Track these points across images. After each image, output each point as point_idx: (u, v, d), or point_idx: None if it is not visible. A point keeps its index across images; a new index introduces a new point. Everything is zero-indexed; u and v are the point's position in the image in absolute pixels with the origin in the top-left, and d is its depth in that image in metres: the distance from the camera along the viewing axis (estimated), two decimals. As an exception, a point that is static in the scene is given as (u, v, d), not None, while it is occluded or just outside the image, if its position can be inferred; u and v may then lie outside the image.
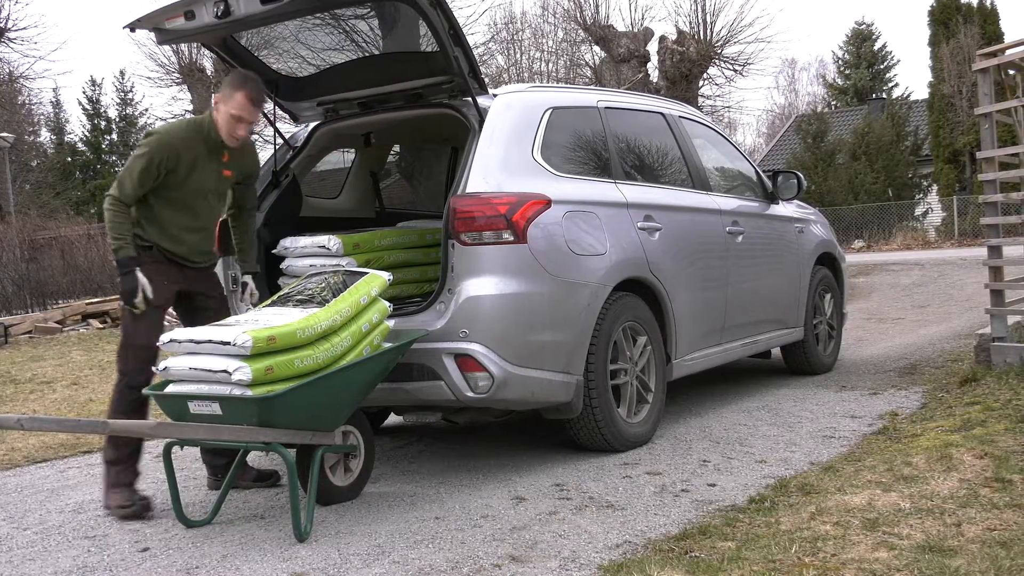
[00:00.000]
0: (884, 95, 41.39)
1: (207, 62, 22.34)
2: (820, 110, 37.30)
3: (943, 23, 27.45)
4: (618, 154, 5.27)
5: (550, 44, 28.64)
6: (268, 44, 4.94)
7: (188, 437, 3.75)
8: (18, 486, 5.03)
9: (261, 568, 3.41)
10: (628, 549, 3.39)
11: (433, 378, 4.30)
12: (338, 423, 3.97)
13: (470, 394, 4.27)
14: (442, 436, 5.62)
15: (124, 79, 42.77)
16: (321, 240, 4.77)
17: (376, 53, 4.89)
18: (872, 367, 7.14)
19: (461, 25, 4.44)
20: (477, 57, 6.56)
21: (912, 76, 75.48)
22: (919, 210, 28.08)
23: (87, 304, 16.16)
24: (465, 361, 4.24)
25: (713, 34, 20.24)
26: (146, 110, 43.00)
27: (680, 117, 6.03)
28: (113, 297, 17.02)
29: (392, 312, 4.27)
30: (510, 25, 29.24)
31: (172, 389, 3.77)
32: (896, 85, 45.00)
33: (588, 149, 5.13)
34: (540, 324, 4.40)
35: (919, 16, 79.97)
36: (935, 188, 28.50)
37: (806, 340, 6.76)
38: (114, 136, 43.38)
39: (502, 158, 4.54)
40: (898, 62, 62.36)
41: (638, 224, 5.02)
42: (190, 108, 23.95)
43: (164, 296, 4.31)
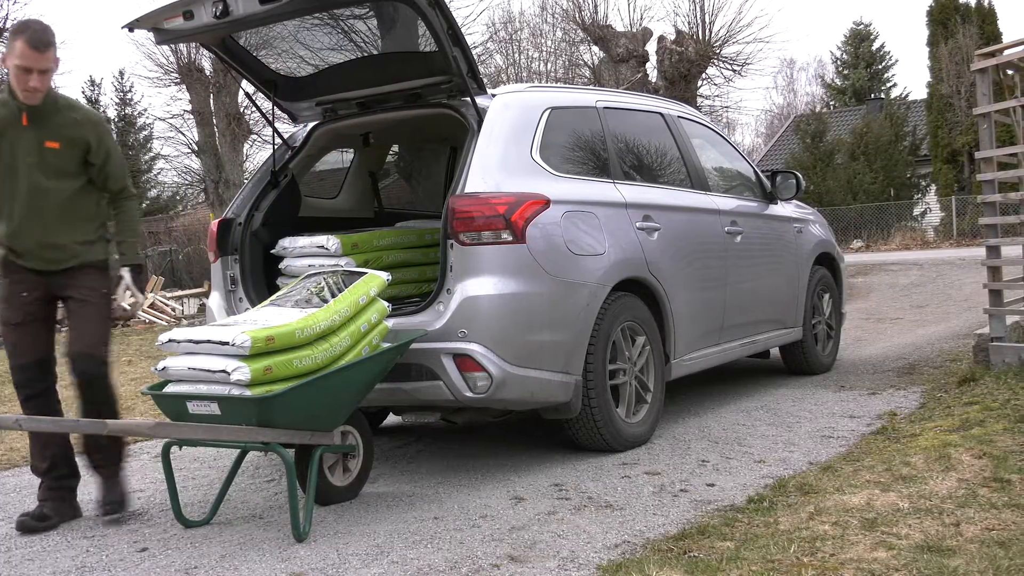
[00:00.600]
0: (882, 95, 41.41)
1: (206, 62, 22.33)
2: (818, 110, 37.35)
3: (941, 23, 27.46)
4: (617, 154, 5.27)
5: (549, 44, 28.65)
6: (267, 44, 4.94)
7: (187, 437, 3.75)
8: (17, 486, 5.03)
9: (260, 568, 3.41)
10: (627, 549, 3.39)
11: (432, 378, 4.30)
12: (337, 423, 3.96)
13: (469, 394, 4.26)
14: (441, 436, 5.62)
15: (123, 79, 42.74)
16: (320, 240, 4.77)
17: (375, 53, 4.89)
18: (871, 367, 7.14)
19: (460, 25, 4.44)
20: (476, 57, 6.55)
21: (910, 76, 75.63)
22: (917, 210, 28.09)
23: (86, 304, 16.06)
24: (464, 361, 4.24)
25: (712, 34, 20.24)
26: (145, 110, 43.04)
27: (679, 117, 6.03)
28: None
29: (391, 312, 4.27)
30: (508, 25, 29.26)
31: (171, 389, 3.77)
32: (894, 85, 45.05)
33: (587, 149, 5.13)
34: (539, 324, 4.40)
35: (917, 16, 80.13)
36: (934, 188, 28.51)
37: (805, 340, 6.77)
38: (113, 136, 43.39)
39: (501, 158, 4.54)
40: (896, 62, 62.36)
41: (637, 224, 5.02)
42: (189, 108, 23.95)
43: (27, 311, 4.09)
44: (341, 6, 4.52)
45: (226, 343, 3.59)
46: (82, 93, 41.56)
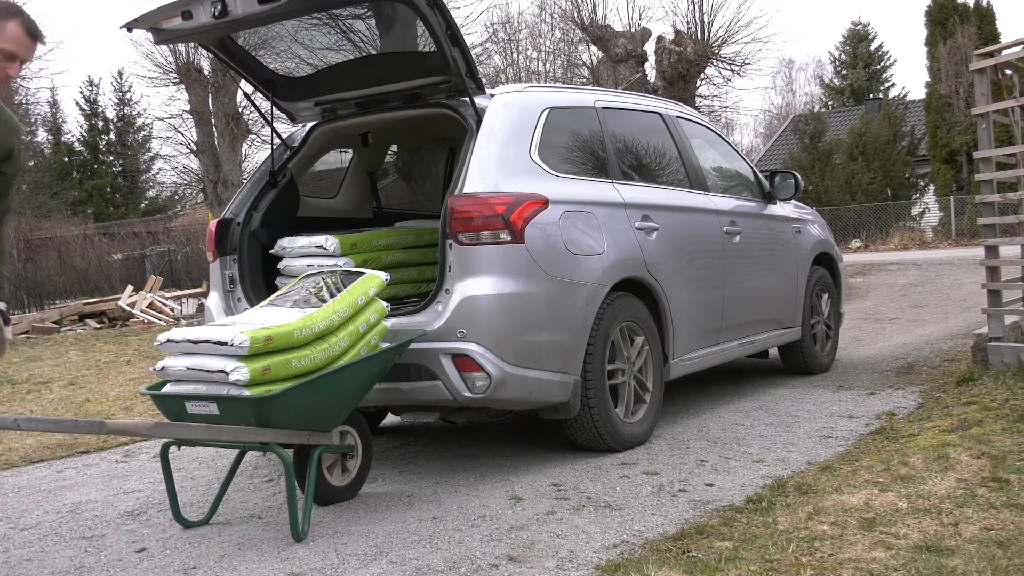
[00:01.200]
0: (881, 95, 41.47)
1: (204, 62, 22.31)
2: (817, 110, 37.38)
3: (940, 23, 27.48)
4: (615, 154, 5.27)
5: (547, 44, 28.65)
6: (265, 44, 4.94)
7: (185, 437, 3.75)
8: (15, 486, 5.03)
9: (258, 568, 3.41)
10: (625, 549, 3.39)
11: (431, 378, 4.30)
12: (336, 423, 3.96)
13: (468, 394, 4.26)
14: (440, 436, 5.62)
15: (122, 79, 42.78)
16: (318, 240, 4.77)
17: (373, 53, 4.89)
18: (869, 367, 7.14)
19: (458, 25, 4.44)
20: (474, 57, 6.56)
21: (909, 76, 75.65)
22: (916, 210, 28.11)
23: (84, 304, 16.17)
24: (463, 361, 4.24)
25: (710, 34, 20.25)
26: (144, 110, 43.03)
27: (678, 117, 6.04)
28: (111, 297, 17.02)
29: (390, 312, 4.27)
30: (507, 25, 29.24)
31: (169, 389, 3.77)
32: (893, 85, 45.12)
33: (585, 149, 5.13)
34: (538, 324, 4.40)
35: (916, 16, 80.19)
36: (932, 188, 28.53)
37: (803, 340, 6.77)
38: (111, 136, 43.34)
39: (499, 158, 4.54)
40: (895, 62, 62.51)
41: (635, 224, 5.02)
42: (187, 108, 23.94)
43: None
44: (340, 6, 4.52)
45: (224, 343, 3.59)
46: (80, 93, 41.62)
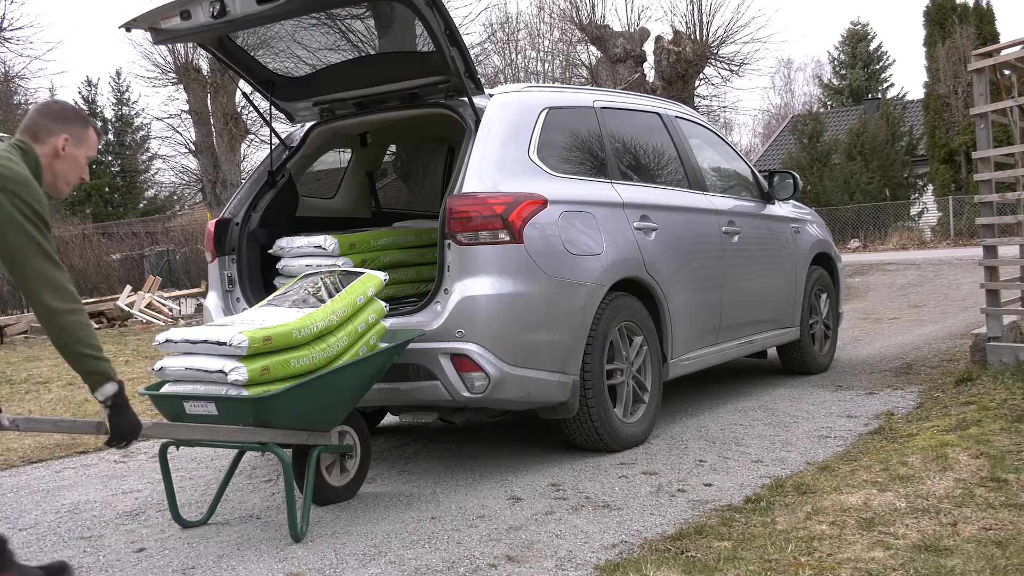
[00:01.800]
0: (880, 95, 41.47)
1: (203, 62, 22.33)
2: (816, 110, 37.36)
3: (938, 23, 27.47)
4: (614, 154, 5.27)
5: (546, 44, 28.68)
6: (264, 44, 4.94)
7: (184, 437, 3.74)
8: (14, 486, 5.02)
9: (257, 568, 3.41)
10: (624, 549, 3.39)
11: (429, 378, 4.29)
12: (335, 423, 3.96)
13: (466, 394, 4.26)
14: (438, 436, 5.61)
15: (120, 79, 42.74)
16: (317, 240, 4.77)
17: (372, 53, 4.89)
18: (868, 367, 7.15)
19: (457, 25, 4.44)
20: (473, 57, 6.56)
21: (908, 76, 75.74)
22: (915, 210, 28.11)
23: (83, 304, 16.09)
24: (461, 361, 4.24)
25: (709, 34, 20.28)
26: (142, 110, 43.00)
27: (676, 117, 6.04)
28: (109, 297, 17.01)
29: (388, 312, 4.27)
30: (506, 25, 29.26)
31: (168, 389, 3.76)
32: (892, 85, 45.11)
33: (584, 149, 5.13)
34: (536, 324, 4.40)
35: (914, 16, 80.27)
36: (931, 188, 28.53)
37: (802, 340, 6.77)
38: (110, 136, 43.30)
39: (498, 158, 4.54)
40: (893, 62, 62.40)
41: (634, 224, 5.02)
42: (186, 108, 23.94)
43: None
44: (338, 6, 4.52)
45: (223, 343, 3.58)
46: (79, 93, 41.56)
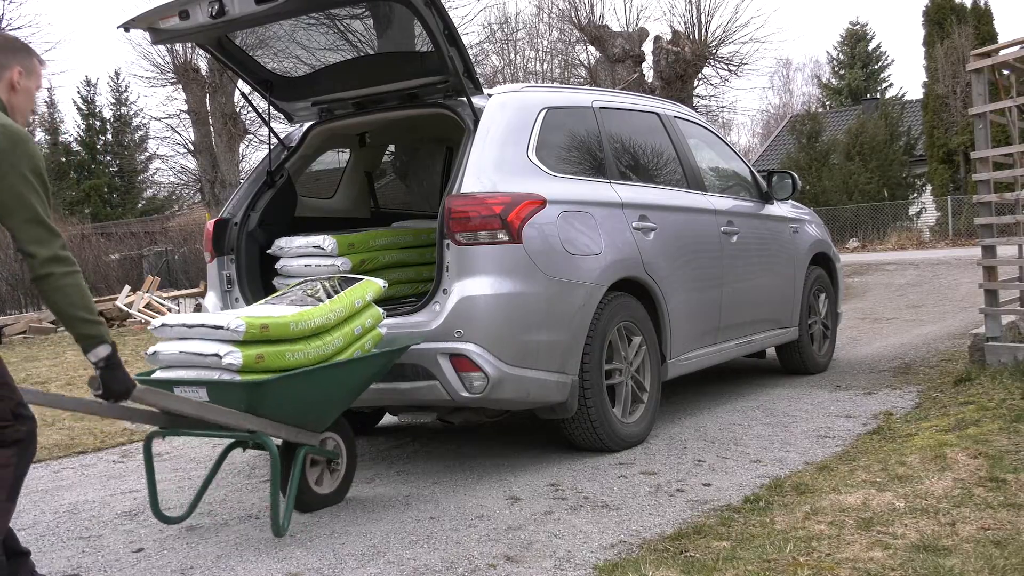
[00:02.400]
0: (878, 95, 41.47)
1: (202, 62, 22.33)
2: (814, 110, 37.34)
3: (937, 23, 27.51)
4: (613, 154, 5.27)
5: (545, 44, 28.65)
6: (263, 44, 4.94)
7: (175, 408, 3.55)
8: (12, 487, 5.02)
9: (256, 568, 3.41)
10: (623, 549, 3.39)
11: (428, 378, 4.29)
12: (326, 423, 3.93)
13: (465, 394, 4.26)
14: (437, 436, 5.62)
15: (119, 79, 42.75)
16: (316, 240, 4.77)
17: (371, 53, 4.89)
18: (867, 367, 7.15)
19: (456, 25, 4.44)
20: (472, 57, 6.56)
21: (906, 76, 75.78)
22: (913, 210, 28.14)
23: (81, 304, 16.05)
24: (460, 361, 4.24)
25: (708, 34, 20.29)
26: (141, 110, 43.00)
27: (675, 117, 6.04)
28: (108, 297, 17.00)
29: (387, 312, 4.27)
30: (505, 25, 29.24)
31: (160, 375, 3.73)
32: (890, 85, 45.11)
33: (583, 149, 5.13)
34: (535, 324, 4.40)
35: (913, 16, 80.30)
36: (929, 188, 28.56)
37: (801, 340, 6.77)
38: (109, 136, 43.30)
39: (497, 158, 4.54)
40: (892, 62, 62.50)
41: (633, 224, 5.02)
42: (185, 108, 23.93)
43: None
44: (337, 6, 4.52)
45: (220, 327, 3.56)
46: (78, 93, 41.59)
